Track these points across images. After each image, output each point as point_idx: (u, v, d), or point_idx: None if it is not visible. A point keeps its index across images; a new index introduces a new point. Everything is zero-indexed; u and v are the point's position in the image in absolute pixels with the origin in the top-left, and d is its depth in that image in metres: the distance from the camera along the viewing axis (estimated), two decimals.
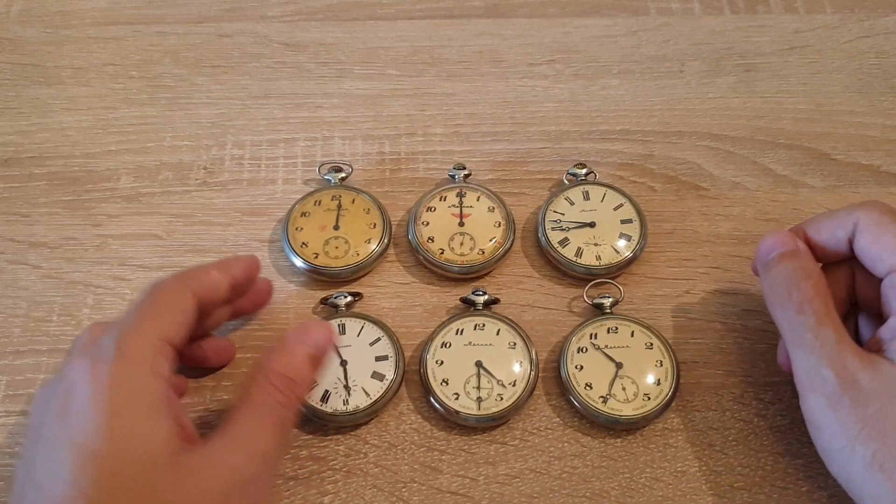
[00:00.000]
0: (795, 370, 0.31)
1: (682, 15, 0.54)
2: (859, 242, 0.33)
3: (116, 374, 0.28)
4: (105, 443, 0.26)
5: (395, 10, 0.53)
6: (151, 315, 0.30)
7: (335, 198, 0.43)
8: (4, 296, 0.41)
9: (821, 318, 0.31)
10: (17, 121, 0.48)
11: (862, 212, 0.33)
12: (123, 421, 0.27)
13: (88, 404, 0.27)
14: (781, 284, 0.32)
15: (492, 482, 0.36)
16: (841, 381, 0.30)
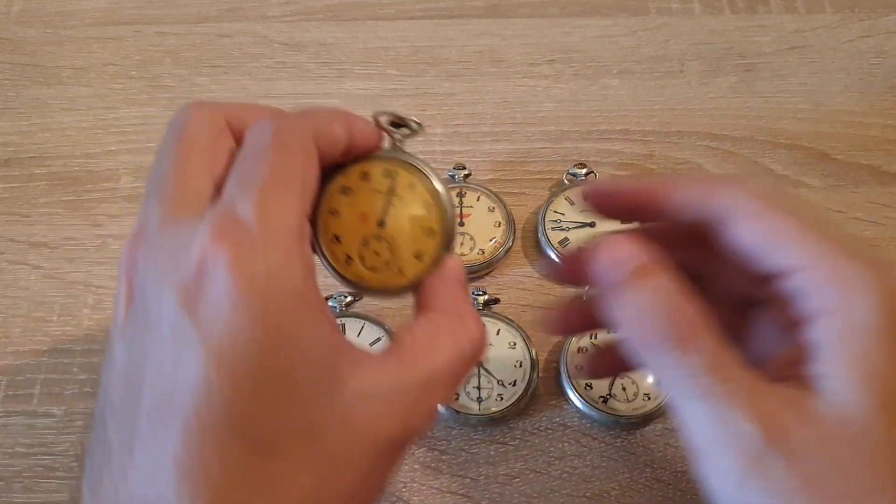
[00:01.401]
0: (693, 433, 0.22)
1: (683, 15, 0.54)
2: (744, 231, 0.24)
3: (273, 273, 0.20)
4: (260, 353, 0.20)
5: (395, 10, 0.53)
6: (289, 175, 0.22)
7: (389, 174, 0.27)
8: (5, 296, 0.41)
9: (715, 351, 0.22)
10: (17, 121, 0.48)
11: (742, 193, 0.24)
12: (283, 329, 0.20)
13: (237, 306, 0.20)
14: (647, 315, 0.23)
15: (492, 482, 0.36)
16: (769, 433, 0.21)
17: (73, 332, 0.40)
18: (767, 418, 0.21)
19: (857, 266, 0.22)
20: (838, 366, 0.22)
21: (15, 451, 0.36)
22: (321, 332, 0.21)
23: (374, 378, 0.22)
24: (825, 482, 0.21)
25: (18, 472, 0.36)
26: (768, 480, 0.21)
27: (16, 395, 0.38)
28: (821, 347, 0.22)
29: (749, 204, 0.24)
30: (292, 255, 0.21)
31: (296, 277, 0.21)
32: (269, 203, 0.21)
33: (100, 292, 0.41)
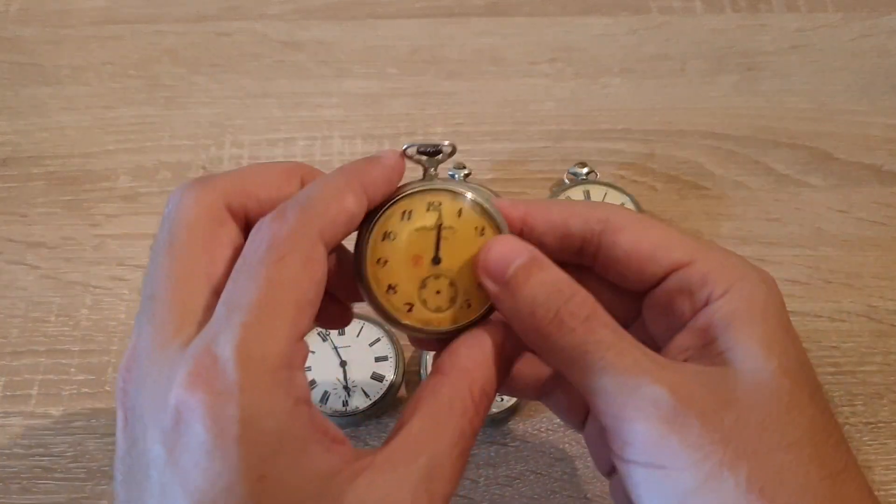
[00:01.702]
0: (604, 406, 0.23)
1: (684, 13, 0.53)
2: (620, 243, 0.25)
3: (251, 421, 0.20)
4: (244, 500, 0.19)
5: (394, 8, 0.53)
6: (281, 296, 0.21)
7: (432, 206, 0.26)
8: (2, 296, 0.41)
9: (615, 330, 0.23)
10: (15, 120, 0.47)
11: (610, 208, 0.26)
12: (273, 489, 0.20)
13: (213, 464, 0.19)
14: (546, 305, 0.23)
15: (492, 483, 0.36)
16: (677, 395, 0.22)
17: (71, 333, 0.40)
18: (675, 384, 0.22)
19: (734, 258, 0.25)
20: (741, 338, 0.23)
21: (13, 451, 0.36)
22: (310, 464, 0.20)
23: (374, 483, 0.21)
24: (741, 440, 0.21)
25: (16, 472, 0.36)
26: (686, 438, 0.21)
27: (14, 396, 0.38)
28: (720, 326, 0.24)
29: (625, 215, 0.26)
30: (273, 393, 0.20)
31: (276, 417, 0.20)
32: (249, 338, 0.20)
33: (98, 292, 0.41)
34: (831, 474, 0.22)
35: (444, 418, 0.23)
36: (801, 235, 0.43)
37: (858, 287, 0.41)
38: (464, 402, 0.23)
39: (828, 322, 0.40)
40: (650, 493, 0.22)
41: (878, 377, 0.39)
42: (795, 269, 0.42)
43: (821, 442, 0.22)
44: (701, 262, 0.24)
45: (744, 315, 0.23)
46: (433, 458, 0.22)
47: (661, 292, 0.25)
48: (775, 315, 0.24)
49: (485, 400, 0.24)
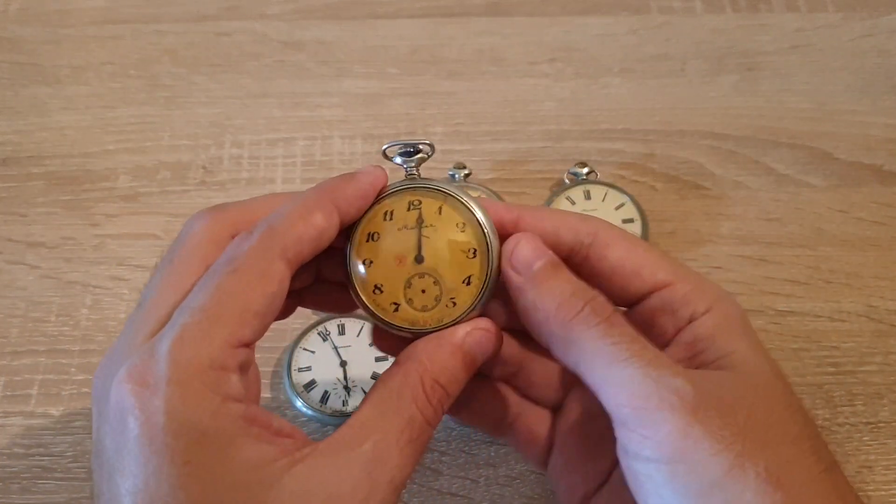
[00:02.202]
0: (625, 397, 0.23)
1: (684, 13, 0.53)
2: (608, 257, 0.26)
3: (176, 412, 0.21)
4: (175, 489, 0.21)
5: (394, 8, 0.53)
6: (228, 304, 0.23)
7: (412, 205, 0.27)
8: (2, 296, 0.41)
9: (633, 329, 0.24)
10: (15, 120, 0.47)
11: (600, 223, 0.27)
12: (197, 472, 0.21)
13: (150, 453, 0.21)
14: (572, 300, 0.24)
15: (492, 484, 0.36)
16: (696, 390, 0.22)
17: (70, 333, 0.40)
18: (693, 380, 0.23)
19: (708, 282, 0.27)
20: (734, 347, 0.25)
21: (13, 451, 0.36)
22: (238, 454, 0.21)
23: (315, 469, 0.22)
24: (755, 432, 0.22)
25: (16, 472, 0.36)
26: (710, 428, 0.22)
27: (13, 396, 0.38)
28: (706, 339, 0.25)
29: (614, 232, 0.27)
30: (199, 390, 0.21)
31: (201, 411, 0.21)
32: (185, 339, 0.22)
33: (98, 292, 0.41)
34: (827, 468, 0.23)
35: (392, 405, 0.24)
36: (801, 235, 0.43)
37: (858, 287, 0.41)
38: (413, 390, 0.24)
39: (828, 322, 0.40)
40: (667, 491, 0.22)
41: (879, 377, 0.39)
42: (795, 269, 0.42)
43: (815, 437, 0.24)
44: (681, 283, 0.26)
45: (729, 328, 0.25)
46: (378, 443, 0.23)
47: (643, 309, 0.27)
48: (751, 332, 0.26)
49: (438, 390, 0.24)
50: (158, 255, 0.42)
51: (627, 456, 0.23)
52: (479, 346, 0.26)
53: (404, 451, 0.23)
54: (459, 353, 0.25)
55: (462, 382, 0.25)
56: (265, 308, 0.23)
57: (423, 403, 0.24)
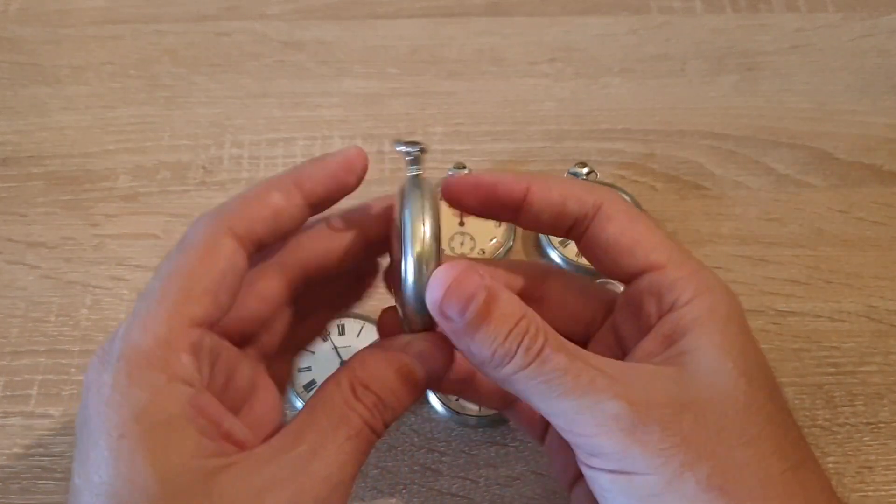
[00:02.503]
0: (566, 426, 0.24)
1: (684, 13, 0.53)
2: (606, 230, 0.26)
3: (119, 386, 0.22)
4: (112, 477, 0.21)
5: (394, 8, 0.53)
6: (171, 288, 0.23)
7: None
8: (2, 296, 0.41)
9: (568, 352, 0.24)
10: (14, 120, 0.47)
11: (606, 195, 0.27)
12: (130, 447, 0.21)
13: (94, 425, 0.22)
14: (506, 340, 0.23)
15: (492, 484, 0.36)
16: (634, 405, 0.22)
17: (70, 333, 0.40)
18: (632, 396, 0.23)
19: (705, 271, 0.26)
20: (699, 342, 0.24)
21: (12, 452, 0.36)
22: (176, 437, 0.22)
23: (248, 474, 0.22)
24: (700, 440, 0.22)
25: (16, 473, 0.36)
26: (648, 447, 0.22)
27: (13, 396, 0.38)
28: (681, 331, 0.25)
29: (618, 206, 0.26)
30: (144, 368, 0.22)
31: (143, 388, 0.22)
32: (138, 318, 0.23)
33: (97, 292, 0.41)
34: (792, 466, 0.23)
35: (325, 409, 0.24)
36: (801, 235, 0.43)
37: (858, 287, 0.41)
38: (343, 394, 0.24)
39: (828, 322, 0.40)
40: (617, 497, 0.23)
41: (879, 377, 0.39)
42: (795, 269, 0.42)
43: (780, 436, 0.23)
44: (673, 268, 0.26)
45: (705, 322, 0.25)
46: (312, 443, 0.23)
47: (633, 290, 0.26)
48: (736, 323, 0.25)
49: (369, 396, 0.24)
50: (158, 255, 0.42)
51: (582, 464, 0.24)
52: (421, 360, 0.25)
53: (341, 448, 0.23)
54: (394, 363, 0.25)
55: (400, 393, 0.25)
56: (215, 285, 0.23)
57: (356, 405, 0.24)
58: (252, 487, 0.22)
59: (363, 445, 0.24)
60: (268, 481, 0.22)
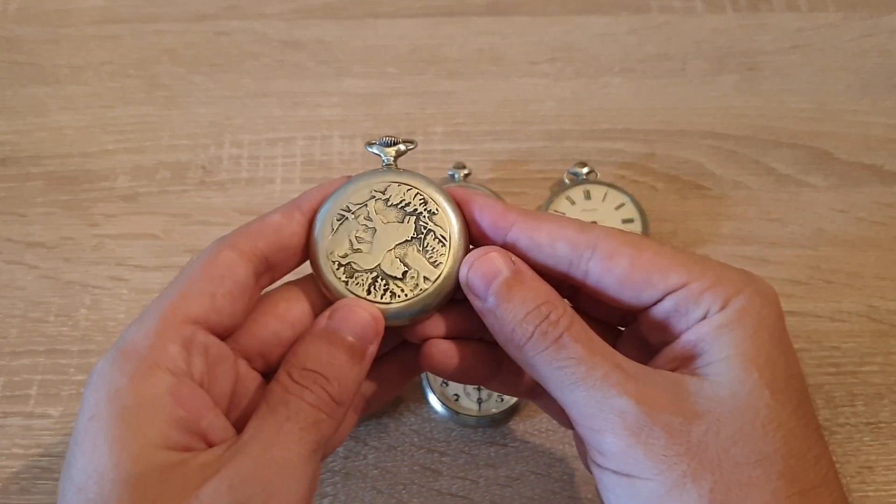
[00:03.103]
0: (577, 418, 0.24)
1: (684, 13, 0.53)
2: (612, 270, 0.25)
3: (103, 372, 0.23)
4: (76, 457, 0.22)
5: (394, 8, 0.53)
6: (171, 292, 0.24)
7: None
8: (1, 296, 0.41)
9: (588, 344, 0.24)
10: (14, 120, 0.47)
11: (600, 234, 0.25)
12: (96, 428, 0.22)
13: (83, 415, 0.23)
14: (524, 320, 0.24)
15: (492, 484, 0.36)
16: (644, 406, 0.22)
17: (69, 333, 0.40)
18: (644, 396, 0.23)
19: (731, 272, 0.25)
20: (724, 352, 0.23)
21: (12, 452, 0.36)
22: (146, 426, 0.22)
23: (200, 466, 0.22)
24: (708, 452, 0.22)
25: (15, 473, 0.36)
26: (651, 450, 0.22)
27: (13, 396, 0.38)
28: (709, 340, 0.24)
29: (616, 240, 0.25)
30: (128, 355, 0.23)
31: (120, 373, 0.23)
32: (140, 317, 0.24)
33: (97, 292, 0.41)
34: (802, 491, 0.22)
35: (268, 400, 0.24)
36: (801, 235, 0.43)
37: (859, 287, 0.41)
38: (281, 381, 0.24)
39: (828, 322, 0.40)
40: (619, 498, 0.23)
41: (879, 377, 0.38)
42: (796, 269, 0.42)
43: (795, 458, 0.22)
44: (697, 282, 0.25)
45: (734, 329, 0.24)
46: (258, 429, 0.23)
47: (657, 311, 0.25)
48: (768, 328, 0.24)
49: (308, 375, 0.24)
50: (158, 255, 0.42)
51: (589, 461, 0.24)
52: (346, 324, 0.25)
53: (283, 429, 0.23)
54: (320, 335, 0.25)
55: (340, 362, 0.25)
56: (212, 286, 0.24)
57: (296, 389, 0.24)
58: (195, 481, 0.22)
59: (307, 423, 0.24)
60: (209, 472, 0.22)
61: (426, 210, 0.27)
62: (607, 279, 0.25)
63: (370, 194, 0.27)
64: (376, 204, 0.27)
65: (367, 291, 0.26)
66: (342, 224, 0.27)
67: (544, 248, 0.26)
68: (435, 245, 0.27)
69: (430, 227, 0.27)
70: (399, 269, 0.27)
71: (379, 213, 0.27)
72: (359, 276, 0.27)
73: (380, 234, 0.27)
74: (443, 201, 0.27)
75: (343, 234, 0.27)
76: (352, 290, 0.26)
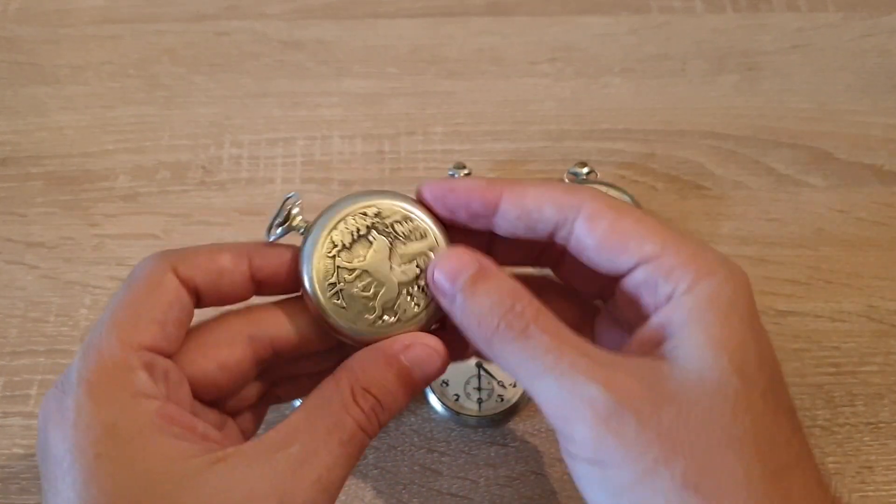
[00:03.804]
0: (547, 408, 0.24)
1: (684, 13, 0.53)
2: (592, 231, 0.25)
3: (83, 408, 0.22)
4: (93, 496, 0.21)
5: (394, 8, 0.53)
6: (120, 318, 0.24)
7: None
8: (1, 296, 0.41)
9: (555, 333, 0.24)
10: (14, 120, 0.47)
11: (586, 194, 0.25)
12: (108, 463, 0.22)
13: (62, 451, 0.22)
14: (490, 314, 0.24)
15: (492, 484, 0.36)
16: (613, 393, 0.22)
17: (70, 333, 0.40)
18: (613, 382, 0.22)
19: (706, 253, 0.25)
20: (693, 336, 0.23)
21: (12, 452, 0.36)
22: (152, 447, 0.22)
23: (236, 470, 0.22)
24: (679, 436, 0.22)
25: (15, 473, 0.36)
26: (622, 437, 0.22)
27: (13, 396, 0.38)
28: (677, 323, 0.24)
29: (600, 203, 0.25)
30: (105, 387, 0.23)
31: (108, 406, 0.22)
32: (92, 345, 0.24)
33: (97, 292, 0.41)
34: (775, 471, 0.22)
35: (321, 411, 0.24)
36: (801, 235, 0.43)
37: (859, 287, 0.41)
38: (342, 397, 0.24)
39: (828, 322, 0.40)
40: (593, 487, 0.23)
41: (879, 377, 0.38)
42: (795, 269, 0.42)
43: (766, 439, 0.22)
44: (669, 256, 0.24)
45: (703, 312, 0.23)
46: (305, 444, 0.23)
47: (629, 282, 0.25)
48: (739, 312, 0.24)
49: (368, 399, 0.25)
50: None
51: (562, 451, 0.24)
52: (419, 363, 0.26)
53: (333, 451, 0.24)
54: (394, 366, 0.25)
55: (398, 395, 0.25)
56: (162, 315, 0.24)
57: (354, 410, 0.24)
58: (242, 484, 0.22)
59: (355, 450, 0.24)
60: (258, 479, 0.22)
61: (398, 224, 0.27)
62: (587, 241, 0.25)
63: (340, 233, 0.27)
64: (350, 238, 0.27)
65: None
66: (339, 290, 0.26)
67: (532, 214, 0.26)
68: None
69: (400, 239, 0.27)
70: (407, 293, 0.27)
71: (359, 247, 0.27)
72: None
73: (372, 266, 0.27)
74: (410, 209, 0.28)
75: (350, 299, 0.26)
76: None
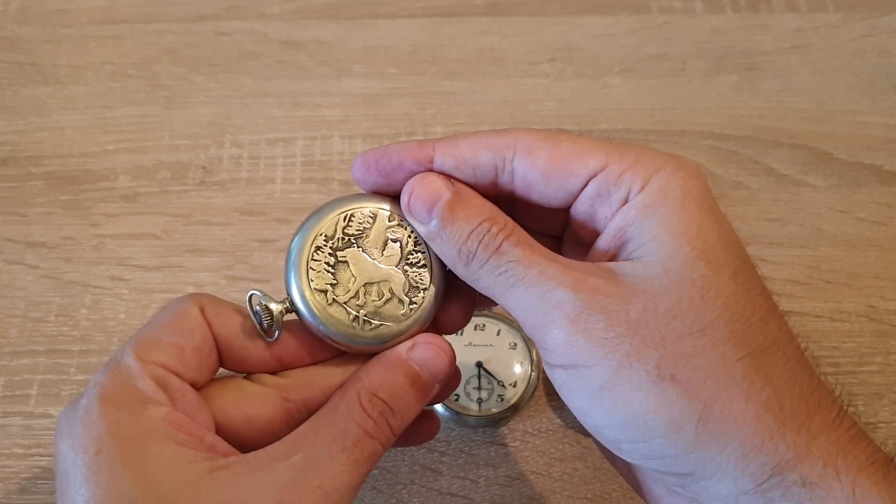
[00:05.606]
0: (522, 318, 0.24)
1: (684, 13, 0.53)
2: (534, 164, 0.25)
3: (92, 409, 0.23)
4: (93, 493, 0.22)
5: (394, 8, 0.53)
6: (142, 336, 0.25)
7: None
8: (2, 296, 0.41)
9: (526, 246, 0.24)
10: (14, 120, 0.47)
11: (517, 132, 0.25)
12: (108, 460, 0.22)
13: (70, 450, 0.23)
14: (469, 239, 0.24)
15: (492, 484, 0.36)
16: (581, 294, 0.22)
17: (70, 333, 0.40)
18: (580, 284, 0.23)
19: (650, 153, 0.25)
20: (652, 230, 0.23)
21: (12, 452, 0.36)
22: (157, 452, 0.22)
23: (239, 477, 0.23)
24: (650, 329, 0.22)
25: (16, 472, 0.36)
26: (591, 333, 0.22)
27: (13, 396, 0.38)
28: (635, 223, 0.24)
29: (533, 135, 0.25)
30: (114, 392, 0.23)
31: (115, 408, 0.23)
32: (112, 360, 0.24)
33: (97, 292, 0.41)
34: (752, 353, 0.22)
35: (327, 420, 0.24)
36: (801, 235, 0.43)
37: (859, 287, 0.41)
38: (349, 404, 0.25)
39: (828, 322, 0.40)
40: (574, 393, 0.23)
41: (879, 377, 0.39)
42: (795, 269, 0.42)
43: (739, 322, 0.22)
44: (615, 164, 0.24)
45: (658, 207, 0.23)
46: (308, 454, 0.23)
47: (583, 202, 0.25)
48: (695, 200, 0.24)
49: (377, 403, 0.25)
50: (158, 255, 0.42)
51: (544, 363, 0.24)
52: (426, 362, 0.26)
53: (336, 459, 0.23)
54: (401, 368, 0.25)
55: (409, 398, 0.25)
56: (181, 340, 0.25)
57: (359, 416, 0.24)
58: (242, 492, 0.22)
59: (363, 456, 0.24)
60: (258, 487, 0.22)
61: (346, 228, 0.26)
62: (531, 175, 0.25)
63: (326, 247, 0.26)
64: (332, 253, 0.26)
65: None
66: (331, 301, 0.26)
67: (469, 162, 0.26)
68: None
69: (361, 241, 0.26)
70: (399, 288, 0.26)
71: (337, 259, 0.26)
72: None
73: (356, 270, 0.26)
74: (343, 210, 0.26)
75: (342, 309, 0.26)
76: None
